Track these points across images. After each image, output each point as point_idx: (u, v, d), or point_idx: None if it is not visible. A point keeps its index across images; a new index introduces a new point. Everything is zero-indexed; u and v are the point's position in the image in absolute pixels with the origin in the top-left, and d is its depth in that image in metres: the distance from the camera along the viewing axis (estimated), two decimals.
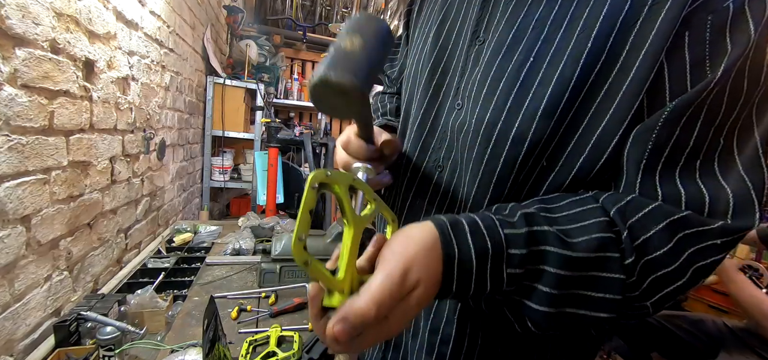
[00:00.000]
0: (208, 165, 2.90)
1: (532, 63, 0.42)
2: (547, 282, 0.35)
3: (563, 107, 0.40)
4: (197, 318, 1.12)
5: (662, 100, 0.37)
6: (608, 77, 0.39)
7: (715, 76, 0.35)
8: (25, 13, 0.91)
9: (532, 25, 0.43)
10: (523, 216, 0.37)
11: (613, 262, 0.35)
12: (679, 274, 0.36)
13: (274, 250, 1.42)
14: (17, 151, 0.92)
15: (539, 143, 0.41)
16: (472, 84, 0.48)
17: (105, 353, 0.93)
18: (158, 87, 1.83)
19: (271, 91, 3.25)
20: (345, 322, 0.30)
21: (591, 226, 0.36)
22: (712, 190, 0.36)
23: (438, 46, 0.55)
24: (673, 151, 0.37)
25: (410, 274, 0.32)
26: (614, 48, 0.38)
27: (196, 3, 2.40)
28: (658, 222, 0.36)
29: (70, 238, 1.16)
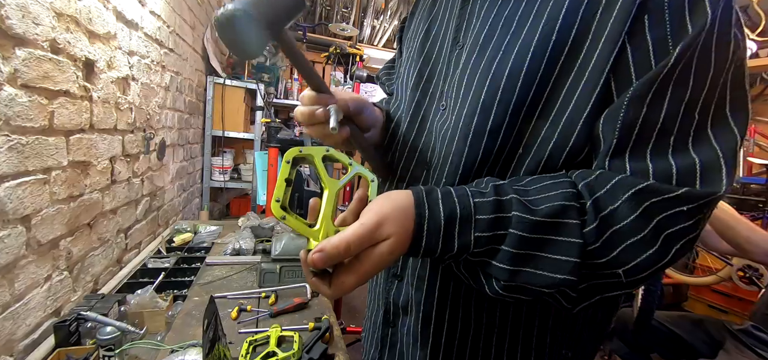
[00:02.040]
0: (208, 165, 2.90)
1: (501, 58, 0.46)
2: (509, 242, 0.39)
3: (532, 97, 0.44)
4: (197, 318, 1.12)
5: (629, 81, 0.39)
6: (573, 66, 0.42)
7: (676, 53, 0.37)
8: (25, 13, 0.91)
9: (502, 23, 0.48)
10: (494, 187, 0.41)
11: (573, 228, 0.38)
12: (651, 243, 0.37)
13: (274, 250, 1.42)
14: (17, 151, 0.92)
15: (513, 133, 0.45)
16: (453, 86, 0.52)
17: (105, 353, 0.93)
18: (158, 87, 1.83)
19: (271, 91, 3.25)
20: (321, 252, 0.38)
21: (555, 196, 0.39)
22: (681, 162, 0.38)
23: (423, 55, 0.59)
24: (643, 130, 0.39)
25: (383, 227, 0.39)
26: (577, 38, 0.41)
27: (196, 3, 2.40)
28: (624, 192, 0.38)
29: (70, 238, 1.16)
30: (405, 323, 0.60)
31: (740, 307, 2.75)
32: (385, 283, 0.63)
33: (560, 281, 0.39)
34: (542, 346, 0.53)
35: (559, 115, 0.43)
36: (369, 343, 0.69)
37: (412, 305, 0.58)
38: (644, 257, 0.38)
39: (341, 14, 4.07)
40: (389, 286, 0.62)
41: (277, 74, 3.39)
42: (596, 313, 0.55)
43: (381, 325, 0.64)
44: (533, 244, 0.39)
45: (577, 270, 0.38)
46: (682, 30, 0.37)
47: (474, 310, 0.53)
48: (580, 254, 0.38)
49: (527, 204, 0.39)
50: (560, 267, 0.38)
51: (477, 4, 0.52)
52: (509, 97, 0.45)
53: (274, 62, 3.37)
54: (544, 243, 0.39)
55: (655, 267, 0.38)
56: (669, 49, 0.38)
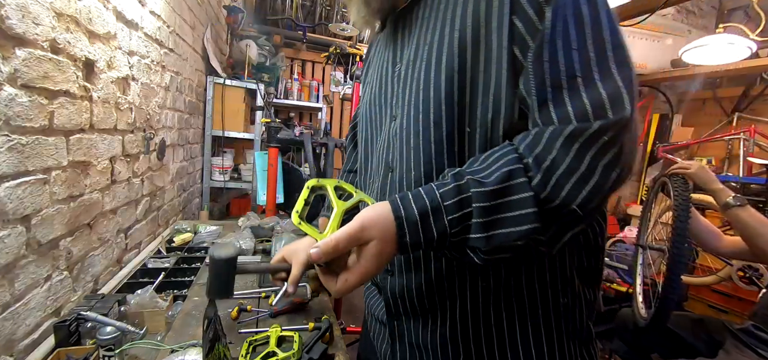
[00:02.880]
0: (208, 165, 2.90)
1: (426, 65, 0.58)
2: (477, 215, 0.47)
3: (459, 86, 0.55)
4: (197, 318, 1.12)
5: (527, 45, 0.50)
6: (480, 52, 0.54)
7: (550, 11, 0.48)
8: (25, 13, 0.91)
9: (423, 38, 0.61)
10: (453, 175, 0.50)
11: (522, 185, 0.47)
12: (589, 174, 0.46)
13: (274, 250, 1.42)
14: (17, 151, 0.92)
15: (454, 119, 0.56)
16: (398, 97, 0.64)
17: (105, 353, 0.93)
18: (158, 87, 1.83)
19: (271, 91, 3.25)
20: (317, 248, 0.48)
21: (502, 164, 0.48)
22: (593, 98, 0.46)
23: (378, 81, 0.72)
24: (552, 80, 0.48)
25: (365, 231, 0.48)
26: (478, 33, 0.54)
27: (196, 3, 2.40)
28: (556, 140, 0.46)
29: (70, 238, 1.16)
30: (408, 311, 0.66)
31: (740, 307, 2.75)
32: (381, 281, 0.70)
33: (527, 231, 0.46)
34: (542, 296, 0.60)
35: (486, 92, 0.54)
36: (380, 340, 0.75)
37: (411, 291, 0.64)
38: (589, 189, 0.46)
39: (341, 14, 4.06)
40: (384, 283, 0.69)
41: (277, 74, 3.39)
42: (582, 259, 0.63)
43: (386, 320, 0.70)
44: (495, 210, 0.47)
45: (538, 217, 0.46)
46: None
47: (469, 279, 0.60)
48: (535, 203, 0.46)
49: (480, 180, 0.48)
50: (523, 220, 0.46)
51: (406, 30, 0.65)
52: (441, 92, 0.56)
53: (274, 62, 3.37)
54: (503, 206, 0.47)
55: (600, 193, 0.47)
56: (545, 12, 0.49)
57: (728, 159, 3.45)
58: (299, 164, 3.36)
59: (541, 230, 0.46)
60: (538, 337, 0.60)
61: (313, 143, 3.08)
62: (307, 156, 2.99)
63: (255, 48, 3.14)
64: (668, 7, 2.02)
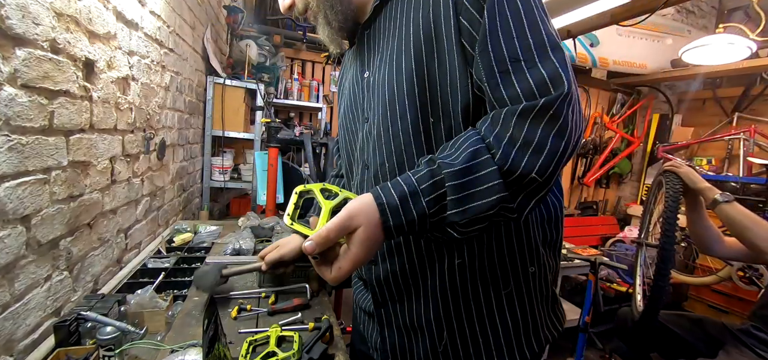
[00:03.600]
0: (208, 165, 2.90)
1: (389, 69, 0.67)
2: (450, 193, 0.54)
3: (418, 83, 0.63)
4: (197, 318, 1.12)
5: (473, 37, 0.59)
6: (433, 53, 0.63)
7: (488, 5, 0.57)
8: (25, 13, 0.91)
9: (385, 46, 0.70)
10: (426, 162, 0.57)
11: (487, 161, 0.54)
12: (543, 143, 0.53)
13: None
14: (17, 151, 0.92)
15: (418, 112, 0.64)
16: (369, 101, 0.73)
17: (105, 353, 0.93)
18: (158, 87, 1.83)
19: (271, 91, 3.25)
20: (311, 240, 0.53)
21: (467, 145, 0.55)
22: (536, 79, 0.54)
23: (352, 93, 0.80)
24: (499, 65, 0.56)
25: (353, 219, 0.53)
26: (431, 35, 0.62)
27: (196, 3, 2.40)
28: (511, 119, 0.54)
29: (70, 238, 1.16)
30: (393, 296, 0.75)
31: (740, 307, 2.75)
32: (366, 274, 0.79)
33: (496, 200, 0.53)
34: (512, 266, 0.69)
35: (443, 84, 0.62)
36: (370, 330, 0.83)
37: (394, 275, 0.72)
38: (544, 156, 0.53)
39: None
40: (368, 274, 0.77)
41: (277, 74, 3.38)
42: (546, 231, 0.72)
43: (374, 310, 0.79)
44: (466, 187, 0.53)
45: (503, 187, 0.53)
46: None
47: (447, 258, 0.68)
48: (500, 175, 0.53)
49: (450, 162, 0.54)
50: (491, 191, 0.53)
51: (372, 41, 0.74)
52: (404, 89, 0.65)
53: (274, 62, 3.37)
54: (472, 182, 0.53)
55: (554, 159, 0.53)
56: (484, 6, 0.57)
57: (728, 159, 3.45)
58: (299, 164, 3.36)
59: (508, 198, 0.54)
60: (512, 304, 0.69)
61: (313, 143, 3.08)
62: (307, 156, 2.99)
63: (255, 48, 3.13)
64: (668, 7, 2.02)
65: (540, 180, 0.54)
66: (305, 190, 0.63)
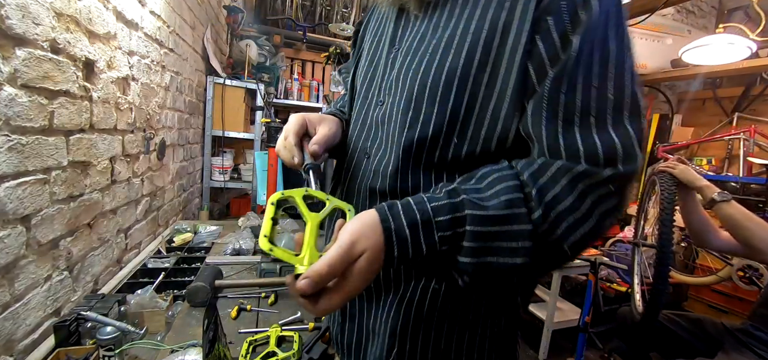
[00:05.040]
0: (208, 165, 2.90)
1: (429, 58, 0.54)
2: (469, 238, 0.44)
3: (456, 91, 0.51)
4: (197, 318, 1.12)
5: (544, 71, 0.47)
6: (486, 67, 0.50)
7: (577, 39, 0.45)
8: (25, 13, 0.91)
9: (430, 30, 0.56)
10: (447, 192, 0.47)
11: (522, 216, 0.45)
12: (587, 217, 0.45)
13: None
14: (17, 151, 0.92)
15: (443, 123, 0.53)
16: (390, 83, 0.60)
17: (105, 353, 0.93)
18: (158, 87, 1.83)
19: (271, 91, 3.25)
20: (307, 278, 0.41)
21: (503, 189, 0.45)
22: (606, 143, 0.45)
23: (368, 59, 0.68)
24: (565, 112, 0.46)
25: (357, 244, 0.43)
26: (488, 38, 0.50)
27: (196, 3, 2.40)
28: (563, 178, 0.45)
29: (70, 238, 1.16)
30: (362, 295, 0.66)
31: (740, 307, 2.75)
32: None
33: (518, 264, 0.45)
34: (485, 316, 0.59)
35: (486, 106, 0.51)
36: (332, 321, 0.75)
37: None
38: (584, 231, 0.45)
39: (341, 14, 4.07)
40: None
41: (277, 74, 3.38)
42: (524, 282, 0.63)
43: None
44: (489, 237, 0.44)
45: (530, 252, 0.44)
46: (578, 22, 0.45)
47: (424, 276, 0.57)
48: (532, 237, 0.44)
49: (478, 202, 0.45)
50: (516, 252, 0.44)
51: (411, 15, 0.60)
52: (437, 94, 0.52)
53: (274, 62, 3.37)
54: (499, 234, 0.44)
55: (592, 238, 0.46)
56: (570, 39, 0.45)
57: (728, 159, 3.44)
58: None
59: (529, 265, 0.45)
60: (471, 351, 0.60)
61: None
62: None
63: (255, 48, 3.13)
64: (668, 7, 2.02)
65: (569, 254, 0.46)
66: (283, 198, 0.51)
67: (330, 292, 0.43)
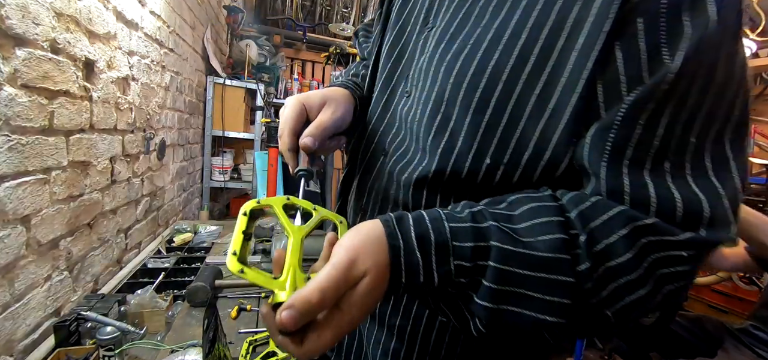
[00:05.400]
0: (208, 165, 2.90)
1: (469, 51, 0.41)
2: (491, 276, 0.34)
3: (498, 99, 0.39)
4: (197, 318, 1.12)
5: (618, 92, 0.35)
6: (543, 70, 0.38)
7: (675, 64, 0.32)
8: (25, 13, 0.91)
9: (476, 12, 0.43)
10: (471, 213, 0.36)
11: (564, 265, 0.33)
12: (642, 283, 0.33)
13: (273, 249, 1.42)
14: (17, 151, 0.92)
15: (476, 136, 0.40)
16: (419, 71, 0.48)
17: (105, 353, 0.93)
18: (158, 87, 1.83)
19: (271, 91, 3.25)
20: (291, 308, 0.30)
21: (541, 226, 0.34)
22: (688, 199, 0.34)
23: (397, 30, 0.55)
24: (638, 151, 0.35)
25: (357, 263, 0.33)
26: (551, 38, 0.37)
27: (196, 3, 2.40)
28: (621, 227, 0.33)
29: (70, 238, 1.16)
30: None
31: (740, 307, 2.75)
32: None
33: (548, 323, 0.34)
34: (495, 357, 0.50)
35: (531, 125, 0.39)
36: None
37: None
38: (635, 298, 0.34)
39: (341, 14, 4.07)
40: None
41: (277, 74, 3.39)
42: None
43: None
44: (516, 281, 0.34)
45: (566, 311, 0.34)
46: (678, 35, 0.32)
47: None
48: (572, 295, 0.33)
49: (510, 233, 0.34)
50: (550, 308, 0.34)
51: None
52: (471, 96, 0.41)
53: (274, 62, 3.37)
54: (529, 281, 0.34)
55: (643, 310, 0.35)
56: (663, 59, 0.33)
57: None
58: None
59: (562, 325, 0.34)
60: None
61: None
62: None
63: (255, 48, 3.14)
64: None
65: (611, 321, 0.35)
66: (258, 207, 0.41)
67: (320, 327, 0.32)
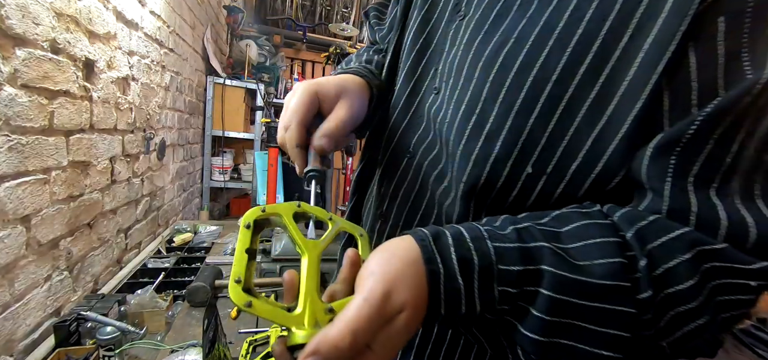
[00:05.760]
0: (208, 165, 2.90)
1: (512, 46, 0.36)
2: (541, 306, 0.29)
3: (545, 102, 0.34)
4: (197, 318, 1.12)
5: (687, 101, 0.30)
6: (600, 71, 0.32)
7: (759, 76, 0.27)
8: (25, 13, 0.91)
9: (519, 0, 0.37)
10: (516, 230, 0.31)
11: (624, 293, 0.29)
12: (701, 312, 0.30)
13: (273, 250, 1.42)
14: (17, 151, 0.92)
15: (517, 143, 0.35)
16: (450, 66, 0.42)
17: (105, 353, 0.93)
18: (158, 87, 1.83)
19: (271, 91, 3.25)
20: (316, 355, 0.25)
21: (596, 248, 0.30)
22: (759, 221, 0.29)
23: (422, 17, 0.48)
24: (707, 169, 0.30)
25: (394, 295, 0.28)
26: (613, 33, 0.32)
27: (196, 3, 2.40)
28: (683, 251, 0.29)
29: (70, 238, 1.16)
30: None
31: None
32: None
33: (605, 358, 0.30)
34: None
35: (586, 126, 0.33)
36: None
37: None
38: (693, 327, 0.30)
39: (341, 14, 4.07)
40: None
41: (277, 74, 3.39)
42: None
43: None
44: (572, 311, 0.29)
45: (626, 346, 0.29)
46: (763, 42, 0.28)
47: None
48: (632, 327, 0.29)
49: (564, 256, 0.30)
50: (607, 342, 0.29)
51: None
52: (514, 97, 0.35)
53: (274, 62, 3.37)
54: (587, 312, 0.29)
55: (699, 338, 0.31)
56: (744, 69, 0.28)
57: None
58: None
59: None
60: None
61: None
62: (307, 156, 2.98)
63: (255, 48, 3.14)
64: None
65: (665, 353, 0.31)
66: (262, 217, 0.33)
67: None
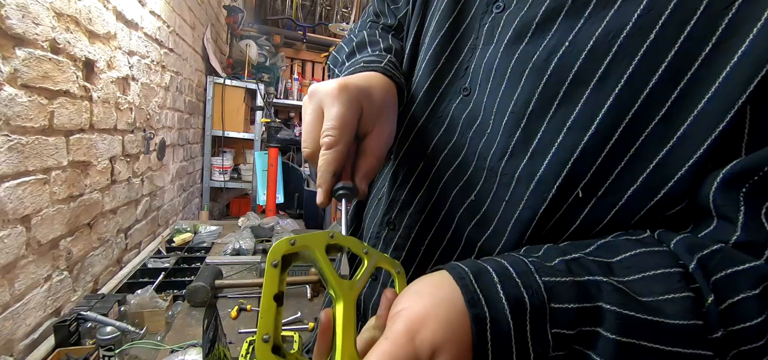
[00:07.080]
0: (208, 165, 2.90)
1: (568, 49, 0.31)
2: (603, 350, 0.25)
3: (604, 119, 0.29)
4: (197, 318, 1.12)
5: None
6: (678, 82, 0.27)
7: None
8: (25, 13, 0.91)
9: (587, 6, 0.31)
10: (565, 262, 0.28)
11: (697, 334, 0.25)
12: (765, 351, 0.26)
13: None
14: (17, 151, 0.92)
15: (567, 163, 0.30)
16: (487, 68, 0.36)
17: (105, 353, 0.93)
18: (158, 87, 1.83)
19: (271, 91, 3.25)
20: None
21: (659, 280, 0.26)
22: None
23: (446, 7, 0.42)
24: None
25: (421, 334, 0.24)
26: (693, 41, 0.27)
27: (196, 3, 2.40)
28: (753, 285, 0.25)
29: (70, 238, 1.16)
30: None
31: None
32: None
33: None
34: None
35: (652, 144, 0.29)
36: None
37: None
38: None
39: (341, 14, 4.07)
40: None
41: (277, 74, 3.39)
42: None
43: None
44: (641, 357, 0.25)
45: None
46: None
47: None
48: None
49: (626, 292, 0.26)
50: None
51: None
52: (569, 112, 0.31)
53: (274, 62, 3.37)
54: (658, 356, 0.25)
55: None
56: None
57: None
58: (299, 164, 3.36)
59: None
60: None
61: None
62: None
63: (255, 48, 3.14)
64: None
65: None
66: (291, 250, 0.28)
67: None
